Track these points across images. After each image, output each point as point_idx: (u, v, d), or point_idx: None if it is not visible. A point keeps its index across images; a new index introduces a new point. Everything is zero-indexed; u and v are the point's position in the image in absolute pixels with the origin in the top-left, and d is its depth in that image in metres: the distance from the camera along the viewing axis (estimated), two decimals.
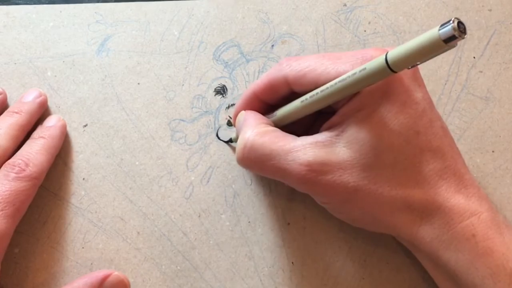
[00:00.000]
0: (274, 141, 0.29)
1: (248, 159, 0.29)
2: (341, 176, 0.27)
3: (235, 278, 0.33)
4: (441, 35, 0.21)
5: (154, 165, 0.35)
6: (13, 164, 0.30)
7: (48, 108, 0.35)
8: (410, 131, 0.27)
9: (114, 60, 0.37)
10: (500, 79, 0.37)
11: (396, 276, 0.33)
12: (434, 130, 0.28)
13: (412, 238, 0.28)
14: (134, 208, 0.34)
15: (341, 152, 0.27)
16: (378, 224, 0.29)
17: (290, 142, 0.28)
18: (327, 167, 0.27)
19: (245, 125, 0.31)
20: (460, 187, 0.28)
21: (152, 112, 0.36)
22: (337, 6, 0.39)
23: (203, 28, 0.38)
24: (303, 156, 0.28)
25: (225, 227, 0.34)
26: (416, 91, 0.28)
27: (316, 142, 0.28)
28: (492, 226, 0.27)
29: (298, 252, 0.33)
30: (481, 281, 0.26)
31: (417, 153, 0.28)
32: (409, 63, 0.24)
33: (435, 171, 0.28)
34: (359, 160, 0.27)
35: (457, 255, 0.27)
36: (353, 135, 0.27)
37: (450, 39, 0.21)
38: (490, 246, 0.26)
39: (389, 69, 0.24)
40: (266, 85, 0.31)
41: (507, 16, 0.38)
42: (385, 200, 0.27)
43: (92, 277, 0.30)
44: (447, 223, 0.27)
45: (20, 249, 0.32)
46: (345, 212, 0.30)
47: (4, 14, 0.37)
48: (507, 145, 0.35)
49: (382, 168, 0.27)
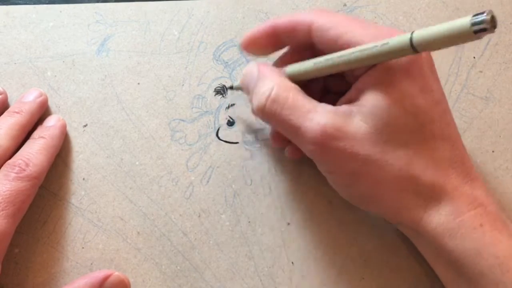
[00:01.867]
0: (298, 98, 0.29)
1: (269, 110, 0.29)
2: (353, 146, 0.27)
3: (235, 278, 0.33)
4: (473, 25, 0.21)
5: (154, 165, 0.35)
6: (13, 164, 0.30)
7: (48, 108, 0.35)
8: (426, 116, 0.27)
9: (114, 60, 0.37)
10: (500, 79, 0.37)
11: (396, 276, 0.33)
12: (447, 120, 0.29)
13: (416, 223, 0.28)
14: (134, 208, 0.34)
15: (358, 124, 0.27)
16: (381, 205, 0.29)
17: (312, 103, 0.29)
18: (342, 134, 0.27)
19: (263, 75, 0.30)
20: (468, 179, 0.28)
21: (152, 112, 0.36)
22: (337, 6, 0.39)
23: (203, 28, 0.38)
24: (322, 118, 0.28)
25: (225, 227, 0.34)
26: (433, 81, 0.28)
27: (336, 110, 0.28)
28: (498, 218, 0.27)
29: (298, 252, 0.33)
30: (488, 271, 0.26)
31: (430, 139, 0.28)
32: (433, 47, 0.23)
33: (446, 159, 0.28)
34: (373, 134, 0.27)
35: (463, 244, 0.26)
36: (370, 110, 0.27)
37: (480, 31, 0.21)
38: (497, 236, 0.26)
39: (412, 49, 0.24)
40: (290, 24, 0.30)
41: (507, 16, 0.38)
42: (393, 178, 0.27)
43: (93, 277, 0.30)
44: (455, 211, 0.27)
45: (20, 249, 0.32)
46: (348, 185, 0.29)
47: (4, 14, 0.37)
48: (507, 145, 0.35)
49: (395, 146, 0.27)
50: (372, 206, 0.30)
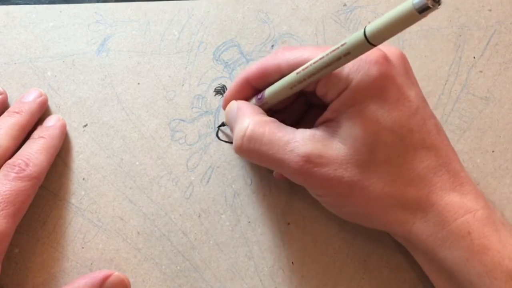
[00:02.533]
0: (274, 131, 0.29)
1: (247, 148, 0.29)
2: (336, 170, 0.27)
3: (235, 278, 0.33)
4: (415, 5, 0.22)
5: (154, 165, 0.35)
6: (13, 164, 0.30)
7: (48, 108, 0.35)
8: (404, 129, 0.27)
9: (114, 60, 0.37)
10: (500, 79, 0.37)
11: (396, 276, 0.33)
12: (427, 128, 0.28)
13: (406, 235, 0.28)
14: (134, 208, 0.34)
15: (337, 147, 0.28)
16: (372, 221, 0.29)
17: (289, 134, 0.29)
18: (324, 160, 0.28)
19: (241, 114, 0.31)
20: (455, 184, 0.28)
21: (152, 112, 0.36)
22: (337, 6, 0.39)
23: (203, 28, 0.38)
24: (302, 148, 0.28)
25: (225, 227, 0.34)
26: (409, 89, 0.28)
27: (314, 135, 0.28)
28: (487, 223, 0.27)
29: (298, 252, 0.33)
30: (477, 279, 0.26)
31: (411, 151, 0.28)
32: (386, 35, 0.24)
33: (429, 169, 0.28)
34: (353, 156, 0.27)
35: (452, 253, 0.27)
36: (347, 131, 0.28)
37: (424, 9, 0.21)
38: (485, 243, 0.26)
39: (368, 42, 0.24)
40: (259, 72, 0.31)
41: (507, 16, 0.38)
42: (378, 197, 0.28)
43: (93, 277, 0.30)
44: (442, 221, 0.27)
45: (20, 249, 0.32)
46: (339, 207, 0.30)
47: (4, 14, 0.37)
48: (507, 145, 0.35)
49: (376, 164, 0.27)
50: (363, 222, 0.30)
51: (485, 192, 0.34)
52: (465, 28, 0.38)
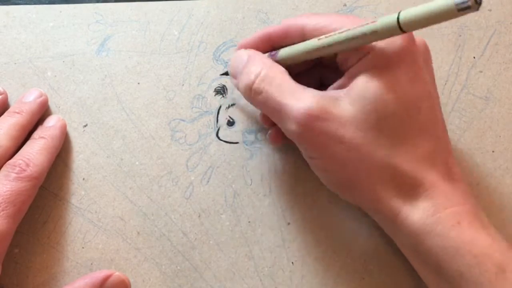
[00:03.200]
0: (286, 78, 0.29)
1: (257, 88, 0.29)
2: (337, 129, 0.27)
3: (235, 278, 0.33)
4: (457, 3, 0.21)
5: (154, 165, 0.35)
6: (14, 164, 0.30)
7: (48, 108, 0.35)
8: (415, 106, 0.27)
9: (114, 60, 0.37)
10: (500, 79, 0.37)
11: (396, 276, 0.33)
12: (435, 114, 0.28)
13: (394, 215, 0.28)
14: (134, 208, 0.34)
15: (344, 107, 0.27)
16: (360, 193, 0.29)
17: (299, 86, 0.29)
18: (327, 115, 0.27)
19: (252, 61, 0.31)
20: (449, 177, 0.28)
21: (152, 112, 0.36)
22: (337, 6, 0.39)
23: (203, 28, 0.38)
24: (309, 99, 0.27)
25: (225, 227, 0.34)
26: (426, 73, 0.28)
27: (324, 93, 0.28)
28: (476, 218, 0.27)
29: (298, 252, 0.33)
30: (467, 270, 0.25)
31: (415, 130, 0.27)
32: (419, 25, 0.24)
33: (428, 154, 0.28)
34: (359, 118, 0.27)
35: (442, 241, 0.26)
36: (359, 93, 0.27)
37: (464, 9, 0.21)
38: (475, 235, 0.26)
39: (399, 28, 0.24)
40: (282, 30, 0.31)
41: (507, 16, 0.38)
42: (374, 167, 0.27)
43: (93, 278, 0.30)
44: (433, 207, 0.27)
45: (20, 249, 0.33)
46: (331, 171, 0.29)
47: (4, 14, 0.37)
48: (507, 145, 0.35)
49: (379, 133, 0.27)
50: (351, 193, 0.30)
51: (485, 192, 0.35)
52: (465, 28, 0.38)
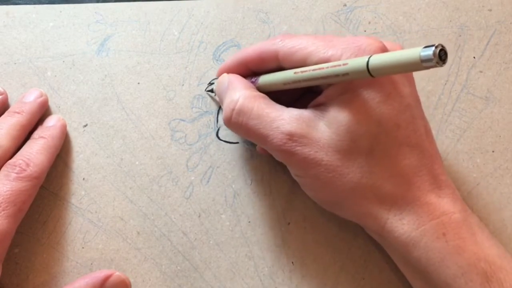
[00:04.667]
0: (263, 107, 0.29)
1: (236, 121, 0.30)
2: (317, 152, 0.28)
3: (235, 278, 0.33)
4: (422, 56, 0.22)
5: (154, 165, 0.35)
6: (14, 164, 0.30)
7: (49, 108, 0.35)
8: (390, 123, 0.27)
9: (114, 60, 0.37)
10: (500, 79, 0.37)
11: (396, 276, 0.33)
12: (415, 126, 0.28)
13: (380, 230, 0.28)
14: (134, 208, 0.34)
15: (321, 129, 0.28)
16: (346, 211, 0.30)
17: (277, 111, 0.29)
18: (306, 140, 0.28)
19: (232, 87, 0.31)
20: (434, 186, 0.28)
21: (152, 112, 0.36)
22: (337, 6, 0.39)
23: (203, 28, 0.38)
24: (287, 126, 0.28)
25: (225, 227, 0.34)
26: (404, 85, 0.28)
27: (301, 116, 0.29)
28: (463, 226, 0.27)
29: (298, 252, 0.33)
30: (452, 281, 0.26)
31: (395, 146, 0.28)
32: (387, 73, 0.24)
33: (410, 167, 0.28)
34: (335, 141, 0.27)
35: (427, 253, 0.27)
36: (334, 116, 0.28)
37: (427, 62, 0.22)
38: (461, 245, 0.26)
39: (369, 73, 0.24)
40: (257, 55, 0.31)
41: (507, 16, 0.38)
42: (355, 186, 0.28)
43: (94, 278, 0.30)
44: (416, 220, 0.27)
45: (20, 249, 0.33)
46: (316, 190, 0.30)
47: (4, 14, 0.37)
48: (507, 145, 0.35)
49: (357, 154, 0.27)
50: (337, 210, 0.31)
51: (485, 192, 0.35)
52: (465, 28, 0.38)
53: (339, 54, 0.27)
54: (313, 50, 0.28)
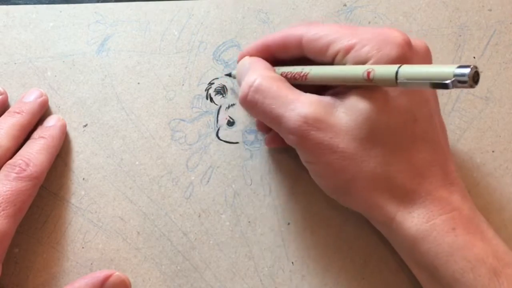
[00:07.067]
0: (281, 88, 0.29)
1: (252, 99, 0.30)
2: (332, 138, 0.27)
3: (235, 278, 0.33)
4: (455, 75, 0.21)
5: (154, 165, 0.35)
6: (14, 164, 0.30)
7: (48, 108, 0.35)
8: (409, 116, 0.27)
9: (114, 60, 0.37)
10: (500, 79, 0.37)
11: (396, 276, 0.33)
12: (432, 121, 0.28)
13: (388, 221, 0.28)
14: (134, 208, 0.34)
15: (339, 116, 0.28)
16: (354, 200, 0.29)
17: (295, 93, 0.29)
18: (322, 125, 0.28)
19: (253, 68, 0.31)
20: (446, 182, 0.28)
21: (152, 112, 0.36)
22: (337, 6, 0.39)
23: (203, 28, 0.38)
24: (304, 108, 0.28)
25: (225, 227, 0.34)
26: None
27: (320, 101, 0.28)
28: (473, 222, 0.27)
29: (298, 252, 0.33)
30: (460, 275, 0.26)
31: (411, 140, 0.28)
32: (414, 87, 0.24)
33: (424, 162, 0.28)
34: (353, 129, 0.27)
35: (436, 247, 0.27)
36: (353, 104, 0.27)
37: (461, 83, 0.21)
38: (470, 240, 0.26)
39: (396, 82, 0.24)
40: (280, 40, 0.31)
41: (507, 16, 0.38)
42: (367, 176, 0.27)
43: (94, 278, 0.30)
44: (427, 214, 0.27)
45: (20, 249, 0.33)
46: (326, 177, 0.30)
47: (4, 14, 0.37)
48: (507, 145, 0.35)
49: (373, 143, 0.27)
50: (346, 199, 0.30)
51: (485, 192, 0.35)
52: (465, 28, 0.38)
53: (363, 44, 0.27)
54: (337, 38, 0.28)
